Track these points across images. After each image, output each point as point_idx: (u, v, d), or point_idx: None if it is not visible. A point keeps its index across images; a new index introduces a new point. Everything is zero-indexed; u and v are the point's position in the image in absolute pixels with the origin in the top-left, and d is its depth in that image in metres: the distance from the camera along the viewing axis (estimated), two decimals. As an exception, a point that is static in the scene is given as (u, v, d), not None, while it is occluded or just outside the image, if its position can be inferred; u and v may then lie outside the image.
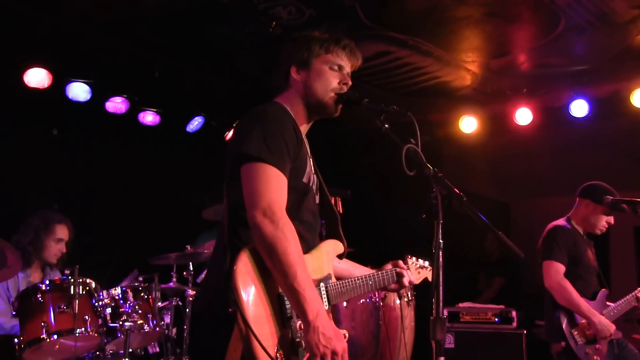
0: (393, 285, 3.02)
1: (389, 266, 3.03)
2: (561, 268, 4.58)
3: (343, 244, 2.79)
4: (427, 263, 3.28)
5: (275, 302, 2.37)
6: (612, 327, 4.49)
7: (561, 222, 4.82)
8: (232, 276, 2.28)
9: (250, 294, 2.30)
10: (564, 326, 4.50)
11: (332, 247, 2.75)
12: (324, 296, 2.58)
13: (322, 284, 2.59)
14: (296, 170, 2.52)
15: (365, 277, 2.85)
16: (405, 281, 3.02)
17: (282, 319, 2.37)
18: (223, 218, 2.54)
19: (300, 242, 2.49)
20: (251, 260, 2.34)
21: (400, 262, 3.06)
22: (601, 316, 4.51)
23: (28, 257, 4.81)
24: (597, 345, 4.49)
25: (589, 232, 4.82)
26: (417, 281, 3.19)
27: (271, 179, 2.38)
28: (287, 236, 2.30)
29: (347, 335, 2.64)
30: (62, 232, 4.97)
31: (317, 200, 2.72)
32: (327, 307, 2.58)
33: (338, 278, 2.75)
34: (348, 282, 2.75)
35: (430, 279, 3.35)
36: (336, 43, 2.71)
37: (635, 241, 8.94)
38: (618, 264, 8.25)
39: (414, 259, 3.18)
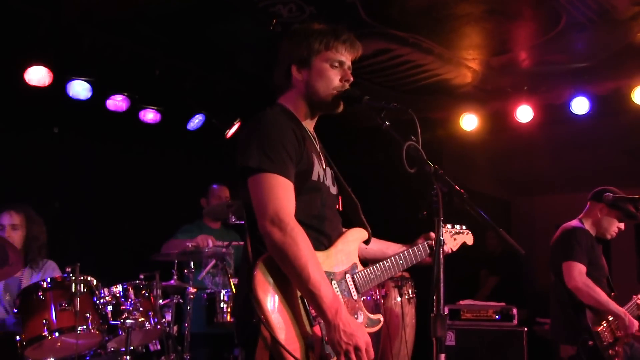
0: (428, 259, 2.98)
1: (421, 240, 3.01)
2: (583, 269, 4.54)
3: (367, 230, 2.79)
4: (464, 227, 3.25)
5: (299, 303, 2.40)
6: (637, 324, 4.50)
7: (577, 223, 4.80)
8: (252, 287, 2.32)
9: (272, 301, 2.34)
10: (590, 326, 4.48)
11: (356, 235, 2.75)
12: (352, 286, 2.60)
13: (347, 275, 2.61)
14: (303, 171, 2.53)
15: (395, 258, 2.84)
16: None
17: (308, 319, 2.40)
18: (245, 220, 2.58)
19: (321, 238, 2.55)
20: (269, 269, 2.37)
21: (432, 234, 2.99)
22: (630, 316, 4.51)
23: None
24: (617, 347, 4.50)
25: (598, 236, 4.81)
26: (455, 248, 3.17)
27: (275, 187, 2.40)
28: (297, 241, 2.33)
29: (382, 320, 2.68)
30: (5, 218, 4.81)
31: (335, 192, 2.73)
32: (355, 297, 2.60)
33: (372, 262, 2.76)
34: (376, 267, 2.74)
35: (470, 242, 3.30)
36: (336, 38, 2.66)
37: (636, 239, 8.96)
38: (619, 261, 8.26)
39: (448, 226, 3.15)
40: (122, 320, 4.39)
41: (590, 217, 4.81)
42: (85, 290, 4.26)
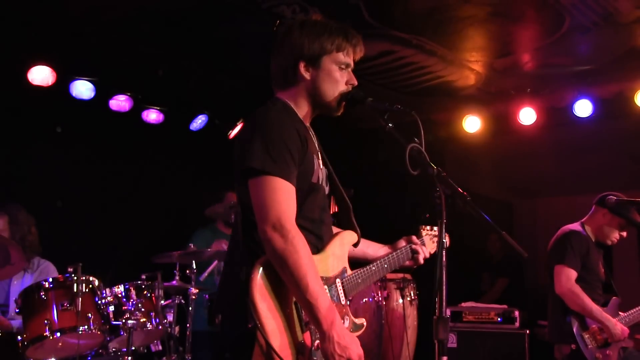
0: (408, 262, 2.99)
1: (402, 243, 3.00)
2: (573, 274, 4.55)
3: (356, 233, 2.78)
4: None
5: (293, 309, 2.40)
6: (626, 331, 4.48)
7: (576, 227, 4.79)
8: (250, 291, 2.31)
9: (268, 306, 2.33)
10: (575, 330, 4.48)
11: (347, 238, 2.74)
12: (341, 291, 2.59)
13: (337, 280, 2.60)
14: (304, 173, 2.51)
15: (380, 262, 2.84)
16: (420, 258, 2.99)
17: (300, 325, 2.40)
18: (237, 219, 2.56)
19: (314, 240, 2.53)
20: (267, 273, 2.36)
21: (414, 238, 3.02)
22: (614, 319, 4.49)
23: None
24: (607, 351, 4.48)
25: (599, 241, 4.80)
26: (432, 251, 3.15)
27: (278, 191, 2.37)
28: (298, 249, 2.31)
29: (364, 323, 2.66)
30: None
31: (328, 191, 2.71)
32: (343, 302, 2.59)
33: (355, 261, 2.76)
34: (363, 271, 2.74)
35: (447, 244, 3.28)
36: (347, 40, 2.64)
37: (638, 242, 8.92)
38: (620, 264, 8.24)
39: (427, 228, 3.14)
40: (123, 321, 4.39)
41: (593, 221, 4.80)
42: (87, 290, 4.26)
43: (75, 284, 4.19)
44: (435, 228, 3.16)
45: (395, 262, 2.92)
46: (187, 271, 5.36)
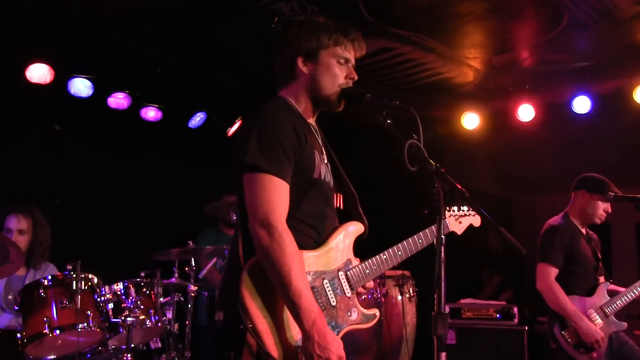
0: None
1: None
2: (553, 272, 4.57)
3: (363, 223, 2.76)
4: (470, 210, 3.17)
5: (284, 308, 2.40)
6: (599, 334, 4.42)
7: (558, 220, 4.76)
8: (239, 293, 2.34)
9: (259, 307, 2.36)
10: (554, 328, 4.50)
11: (352, 229, 2.72)
12: (345, 284, 2.59)
13: (340, 273, 2.60)
14: (303, 169, 2.52)
15: (393, 249, 2.79)
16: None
17: (293, 323, 2.40)
18: (238, 215, 2.57)
19: (314, 234, 2.55)
20: (257, 273, 2.38)
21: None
22: (588, 322, 4.44)
23: None
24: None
25: (588, 223, 4.79)
26: (460, 231, 3.14)
27: (269, 188, 2.39)
28: (282, 247, 2.33)
29: (377, 314, 2.68)
30: (12, 222, 4.81)
31: (332, 185, 2.71)
32: (349, 295, 2.60)
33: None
34: (372, 261, 2.71)
35: (477, 224, 3.22)
36: (345, 35, 2.66)
37: (637, 238, 8.93)
38: (619, 260, 8.25)
39: (454, 209, 3.12)
40: (123, 318, 4.40)
41: (575, 206, 4.78)
42: (86, 287, 4.27)
43: (74, 282, 4.20)
44: (464, 208, 3.14)
45: (411, 248, 2.84)
46: (186, 268, 5.37)
